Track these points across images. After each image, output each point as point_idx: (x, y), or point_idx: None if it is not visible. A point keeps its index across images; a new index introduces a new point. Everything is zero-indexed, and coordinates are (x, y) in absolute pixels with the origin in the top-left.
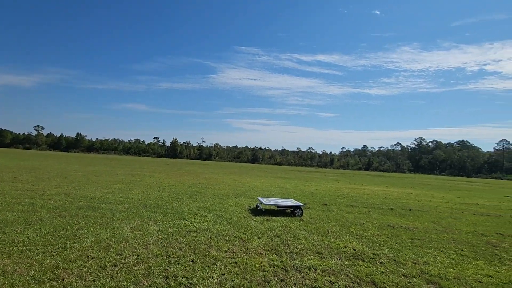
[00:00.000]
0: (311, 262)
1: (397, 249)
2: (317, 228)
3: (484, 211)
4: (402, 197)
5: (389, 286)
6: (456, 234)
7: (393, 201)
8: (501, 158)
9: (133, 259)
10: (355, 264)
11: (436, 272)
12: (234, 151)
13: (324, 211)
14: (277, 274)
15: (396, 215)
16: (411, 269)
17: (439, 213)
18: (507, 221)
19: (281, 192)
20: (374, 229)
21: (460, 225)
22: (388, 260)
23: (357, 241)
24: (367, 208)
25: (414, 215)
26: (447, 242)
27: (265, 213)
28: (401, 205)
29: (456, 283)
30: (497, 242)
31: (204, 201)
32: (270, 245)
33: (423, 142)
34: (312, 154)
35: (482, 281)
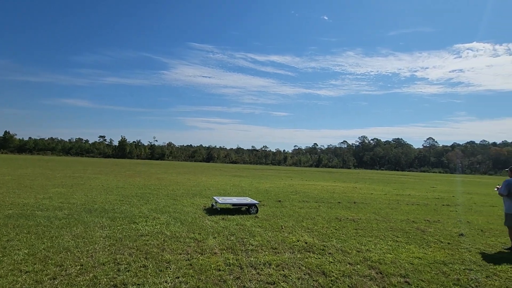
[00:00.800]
0: (266, 258)
1: (344, 239)
2: (271, 224)
3: (415, 201)
4: (348, 191)
5: (336, 274)
6: (392, 223)
7: (340, 195)
8: (428, 154)
9: (75, 269)
10: (306, 257)
11: (376, 258)
12: (188, 150)
13: (278, 208)
14: (233, 272)
15: (342, 208)
16: (356, 257)
17: (379, 204)
18: (432, 209)
19: (237, 191)
20: (324, 222)
21: (396, 214)
22: (336, 250)
23: (308, 235)
24: (317, 203)
25: (358, 207)
26: (385, 230)
27: (221, 212)
28: (347, 198)
29: (393, 266)
30: (425, 228)
31: (156, 203)
32: (226, 244)
33: (365, 140)
34: (267, 152)
35: (413, 262)
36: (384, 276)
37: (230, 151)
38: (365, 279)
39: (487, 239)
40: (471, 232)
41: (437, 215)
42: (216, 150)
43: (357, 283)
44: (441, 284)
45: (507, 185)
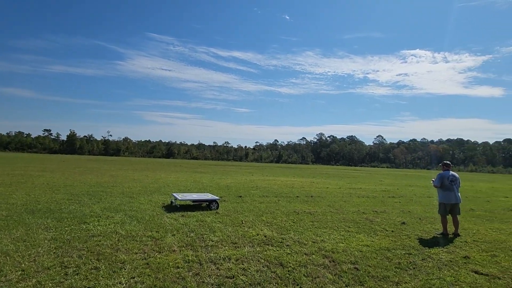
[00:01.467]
0: (226, 252)
1: (301, 231)
2: (232, 219)
3: (365, 193)
4: (306, 186)
5: (293, 265)
6: (345, 214)
7: (298, 189)
8: (378, 150)
9: (16, 275)
10: (265, 250)
11: (330, 247)
12: (146, 146)
13: (239, 203)
14: (192, 269)
15: (300, 202)
16: (311, 247)
17: (334, 197)
18: (380, 200)
19: (198, 187)
20: (282, 216)
21: (348, 206)
22: (294, 242)
23: (268, 228)
24: (277, 197)
25: (315, 201)
26: (338, 222)
27: (181, 209)
28: (305, 192)
29: (344, 254)
30: (373, 218)
31: (110, 201)
32: (185, 241)
33: (323, 137)
34: (228, 148)
35: (362, 250)
36: (337, 264)
37: (191, 147)
38: (319, 268)
39: (424, 226)
40: (411, 220)
41: (383, 206)
42: (177, 145)
43: (312, 271)
44: (385, 268)
45: (440, 178)
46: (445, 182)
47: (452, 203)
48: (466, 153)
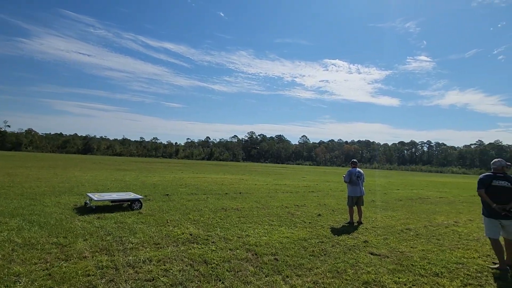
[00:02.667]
0: (146, 254)
1: (227, 228)
2: (156, 219)
3: (289, 189)
4: (236, 183)
5: (217, 261)
6: (270, 209)
7: (228, 186)
8: (302, 149)
9: None
10: (190, 248)
11: (254, 241)
12: (57, 140)
13: (165, 202)
14: (106, 275)
15: (229, 199)
16: (236, 243)
17: (261, 193)
18: (301, 195)
19: (119, 186)
20: (210, 213)
21: (273, 201)
22: (219, 238)
23: (194, 226)
24: (206, 194)
25: (243, 197)
26: (263, 216)
27: (97, 211)
28: (234, 189)
29: (266, 247)
30: (294, 211)
31: (4, 205)
32: (99, 245)
33: (253, 135)
34: (157, 145)
35: (283, 242)
36: (259, 257)
37: (114, 142)
38: (242, 262)
39: (336, 217)
40: (326, 212)
41: (304, 200)
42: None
43: (235, 266)
44: (301, 256)
45: (348, 174)
46: (353, 178)
47: (358, 196)
48: (371, 152)
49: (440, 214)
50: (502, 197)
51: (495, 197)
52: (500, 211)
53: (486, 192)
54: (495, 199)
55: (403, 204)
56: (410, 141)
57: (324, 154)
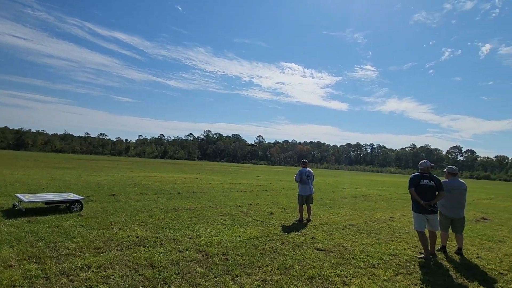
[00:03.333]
0: (85, 260)
1: (178, 228)
2: (99, 222)
3: (243, 188)
4: (189, 182)
5: (165, 264)
6: (223, 208)
7: (181, 186)
8: (258, 149)
9: None
10: (136, 252)
11: (205, 242)
12: None
13: (111, 202)
14: (35, 285)
15: (182, 198)
16: (186, 244)
17: (215, 193)
18: (255, 194)
19: (57, 186)
20: (160, 213)
21: (227, 200)
22: (168, 240)
23: (141, 228)
24: (157, 194)
25: (196, 197)
26: (216, 216)
27: (28, 214)
28: (187, 189)
29: (217, 247)
30: (247, 210)
31: None
32: (29, 252)
33: (210, 134)
34: (105, 141)
35: (234, 241)
36: (209, 257)
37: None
38: (192, 263)
39: (287, 215)
40: (278, 211)
41: (257, 199)
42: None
43: (183, 268)
44: (251, 255)
45: (299, 174)
46: (303, 177)
47: (307, 195)
48: (322, 153)
49: (378, 210)
50: (428, 195)
51: (422, 195)
52: (427, 207)
53: (416, 190)
54: (422, 197)
55: (348, 201)
56: (356, 143)
57: (279, 154)
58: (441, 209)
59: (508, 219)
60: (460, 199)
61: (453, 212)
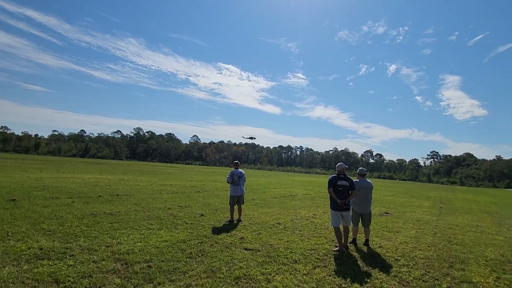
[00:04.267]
0: None
1: (94, 236)
2: None
3: (175, 189)
4: (113, 184)
5: (74, 278)
6: (150, 212)
7: (103, 188)
8: (193, 149)
9: None
10: (37, 266)
11: (126, 249)
12: None
13: (9, 209)
14: None
15: (102, 202)
16: (103, 253)
17: (143, 195)
18: (187, 195)
19: None
20: (74, 220)
21: (156, 203)
22: (81, 250)
23: (47, 238)
24: (71, 198)
25: (120, 200)
26: (141, 220)
27: None
28: (110, 191)
29: (140, 254)
30: (177, 213)
31: None
32: None
33: (141, 132)
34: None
35: (159, 246)
36: (129, 266)
37: None
38: (108, 274)
39: (218, 216)
40: (209, 212)
41: (189, 201)
42: None
43: (97, 281)
44: (177, 260)
45: (231, 175)
46: (235, 178)
47: (239, 195)
48: (256, 154)
49: (303, 208)
50: (344, 194)
51: (339, 194)
52: (342, 205)
53: (333, 190)
54: (339, 196)
55: (277, 201)
56: (287, 145)
57: (214, 154)
58: (353, 206)
59: (404, 213)
60: (367, 197)
61: (361, 208)
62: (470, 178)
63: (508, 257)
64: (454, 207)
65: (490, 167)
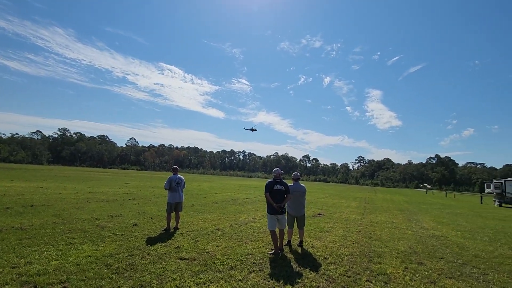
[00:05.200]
0: None
1: None
2: None
3: (106, 197)
4: (28, 192)
5: None
6: (73, 224)
7: (13, 198)
8: (129, 152)
9: None
10: None
11: (36, 269)
12: None
13: None
14: None
15: (11, 215)
16: (7, 275)
17: (65, 205)
18: (119, 204)
19: None
20: None
21: (81, 213)
22: None
23: None
24: None
25: (36, 211)
26: (60, 234)
27: None
28: (23, 202)
29: (55, 273)
30: (105, 224)
31: None
32: None
33: (67, 133)
34: None
35: (80, 263)
36: None
37: None
38: None
39: (154, 225)
40: (144, 221)
41: (121, 210)
42: None
43: None
44: (100, 277)
45: (169, 181)
46: (173, 184)
47: (177, 202)
48: (199, 159)
49: (244, 213)
50: (279, 198)
51: (275, 198)
52: (278, 209)
53: (270, 194)
54: (275, 200)
55: (218, 206)
56: (230, 150)
57: (154, 158)
58: (288, 209)
59: (334, 213)
60: (301, 200)
61: (296, 211)
62: (389, 180)
63: (414, 248)
64: (375, 206)
65: (403, 170)
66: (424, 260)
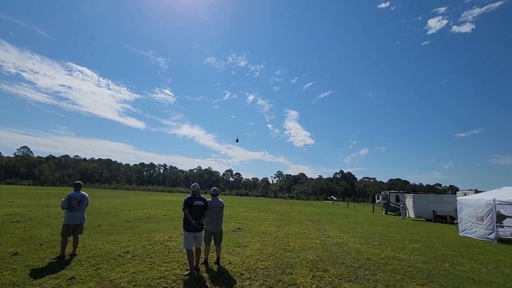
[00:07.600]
0: None
1: None
2: None
3: None
4: None
5: None
6: None
7: None
8: (19, 164)
9: None
10: None
11: None
12: None
13: None
14: None
15: None
16: None
17: None
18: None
19: None
20: None
21: None
22: None
23: None
24: None
25: None
26: None
27: None
28: None
29: None
30: None
31: None
32: None
33: None
34: None
35: None
36: None
37: None
38: None
39: (41, 253)
40: (29, 248)
41: None
42: None
43: None
44: None
45: (68, 199)
46: (73, 203)
47: (77, 224)
48: (112, 172)
49: (159, 231)
50: (198, 214)
51: (195, 214)
52: (197, 226)
53: (190, 210)
54: (194, 216)
55: (130, 225)
56: (150, 163)
57: (53, 171)
58: (205, 225)
59: (254, 227)
60: (219, 215)
61: (213, 226)
62: (303, 193)
63: (321, 256)
64: (290, 218)
65: (315, 184)
66: (329, 267)
